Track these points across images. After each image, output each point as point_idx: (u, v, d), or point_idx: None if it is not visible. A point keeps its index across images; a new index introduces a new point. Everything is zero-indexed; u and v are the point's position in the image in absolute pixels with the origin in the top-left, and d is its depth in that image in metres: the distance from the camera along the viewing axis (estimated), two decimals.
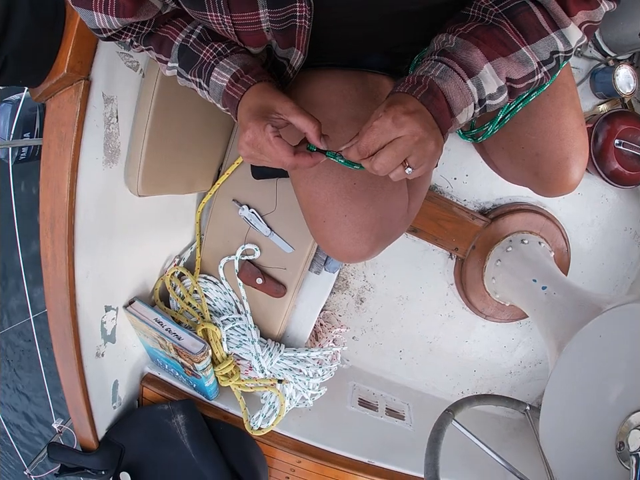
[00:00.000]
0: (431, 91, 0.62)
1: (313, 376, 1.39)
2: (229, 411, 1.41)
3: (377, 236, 0.84)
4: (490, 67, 0.64)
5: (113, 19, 0.64)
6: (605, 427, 0.94)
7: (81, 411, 1.19)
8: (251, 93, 0.67)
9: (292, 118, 0.63)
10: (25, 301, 1.85)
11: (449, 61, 0.64)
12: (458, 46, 0.65)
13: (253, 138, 0.62)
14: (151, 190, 1.09)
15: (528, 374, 1.86)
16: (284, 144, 0.62)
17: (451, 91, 0.63)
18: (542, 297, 1.24)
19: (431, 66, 0.65)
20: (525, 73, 0.66)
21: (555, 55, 0.66)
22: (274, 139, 0.62)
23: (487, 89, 0.65)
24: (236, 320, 1.37)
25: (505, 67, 0.65)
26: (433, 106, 0.61)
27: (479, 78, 0.64)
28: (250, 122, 0.62)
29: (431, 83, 0.63)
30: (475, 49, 0.64)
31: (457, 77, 0.64)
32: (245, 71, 0.69)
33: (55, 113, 0.88)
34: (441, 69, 0.64)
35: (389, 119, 0.57)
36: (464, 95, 0.64)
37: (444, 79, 0.63)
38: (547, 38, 0.64)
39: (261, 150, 0.63)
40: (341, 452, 1.42)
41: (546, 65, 0.67)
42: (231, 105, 0.70)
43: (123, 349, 1.30)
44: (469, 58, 0.64)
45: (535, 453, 1.12)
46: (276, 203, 1.27)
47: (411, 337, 1.76)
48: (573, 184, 0.91)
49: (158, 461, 1.35)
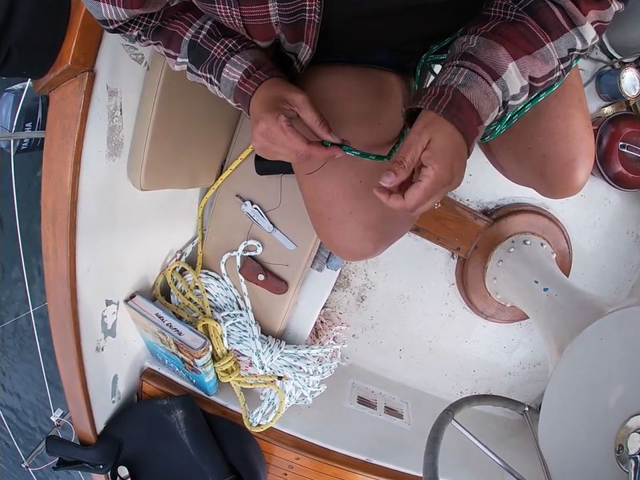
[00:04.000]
0: (454, 103, 0.59)
1: (313, 373, 1.39)
2: (228, 407, 1.40)
3: (381, 234, 0.84)
4: (515, 66, 0.62)
5: (120, 10, 0.63)
6: (604, 429, 0.94)
7: (79, 404, 1.19)
8: (262, 88, 0.67)
9: (301, 112, 0.64)
10: (25, 293, 1.84)
11: (472, 65, 0.62)
12: (480, 45, 0.63)
13: (266, 128, 0.63)
14: (153, 184, 1.08)
15: (527, 375, 1.86)
16: (297, 132, 0.62)
17: (477, 98, 0.61)
18: (543, 299, 1.24)
19: (454, 72, 0.62)
20: (547, 71, 0.65)
21: (571, 53, 0.66)
22: (287, 128, 0.62)
23: (512, 90, 0.64)
24: (237, 316, 1.37)
25: (529, 66, 0.63)
26: (457, 119, 0.59)
27: (504, 80, 0.62)
28: (262, 113, 0.63)
29: (455, 93, 0.60)
30: (499, 47, 0.61)
31: (482, 82, 0.61)
32: (256, 67, 0.69)
33: (58, 105, 0.87)
34: (464, 75, 0.61)
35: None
36: (490, 99, 0.62)
37: (469, 86, 0.61)
38: (567, 34, 0.63)
39: (274, 140, 0.63)
40: (339, 449, 1.42)
41: (564, 63, 0.66)
42: (243, 100, 0.70)
43: (123, 343, 1.30)
44: (493, 57, 0.61)
45: (532, 454, 1.12)
46: (280, 199, 1.27)
47: (411, 336, 1.76)
48: (578, 186, 0.90)
49: (156, 455, 1.35)
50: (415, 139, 0.59)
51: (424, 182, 0.57)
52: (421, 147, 0.58)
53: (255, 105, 0.67)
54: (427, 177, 0.57)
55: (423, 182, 0.58)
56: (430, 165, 0.57)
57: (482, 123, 0.63)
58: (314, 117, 0.63)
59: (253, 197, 1.30)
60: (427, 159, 0.58)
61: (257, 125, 0.63)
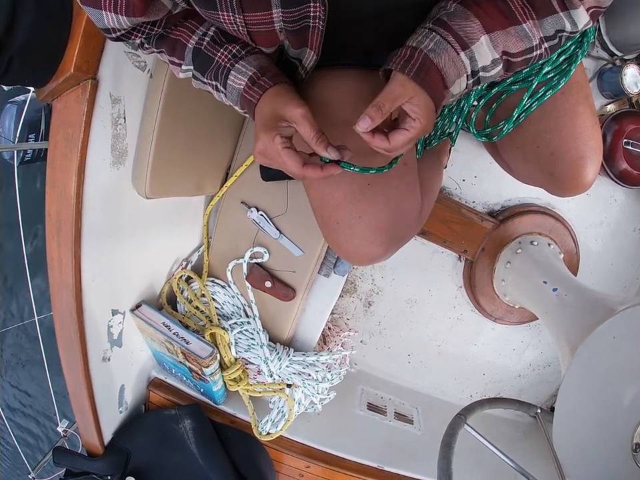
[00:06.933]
0: (424, 67, 0.62)
1: (322, 380, 1.37)
2: (237, 416, 1.39)
3: (390, 238, 0.83)
4: (487, 39, 0.64)
5: (122, 19, 0.63)
6: (620, 429, 0.93)
7: (86, 415, 1.18)
8: (266, 98, 0.67)
9: (298, 127, 0.64)
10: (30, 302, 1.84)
11: (444, 32, 0.64)
12: (456, 14, 0.64)
13: (263, 148, 0.65)
14: (158, 192, 1.08)
15: (537, 377, 1.84)
16: (292, 155, 0.63)
17: (444, 64, 0.64)
18: (553, 299, 1.23)
19: (425, 35, 0.65)
20: (522, 47, 0.65)
21: (560, 34, 0.66)
22: (282, 151, 0.63)
23: (480, 61, 0.65)
24: (244, 324, 1.36)
25: (502, 41, 0.64)
26: (425, 83, 0.62)
27: (472, 50, 0.64)
28: (260, 132, 0.64)
29: (424, 57, 0.63)
30: (474, 19, 0.63)
31: (450, 50, 0.63)
32: (261, 73, 0.69)
33: (61, 114, 0.87)
34: (435, 41, 0.64)
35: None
36: (457, 67, 0.65)
37: (437, 52, 0.63)
38: (556, 16, 0.63)
39: (272, 159, 0.65)
40: (350, 457, 1.40)
41: (548, 41, 0.66)
42: (248, 107, 0.70)
43: (130, 353, 1.29)
44: (466, 28, 0.63)
45: (545, 456, 1.11)
46: (287, 205, 1.26)
47: (419, 341, 1.75)
48: (587, 183, 0.90)
49: (164, 466, 1.33)
50: (400, 92, 0.62)
51: (411, 132, 0.63)
52: (402, 100, 0.62)
53: (257, 119, 0.68)
54: (414, 129, 0.63)
55: (410, 132, 0.63)
56: (417, 119, 0.63)
57: (447, 87, 0.66)
58: (311, 133, 0.63)
59: (258, 204, 1.29)
60: (413, 112, 0.63)
61: (256, 143, 0.65)
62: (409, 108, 0.63)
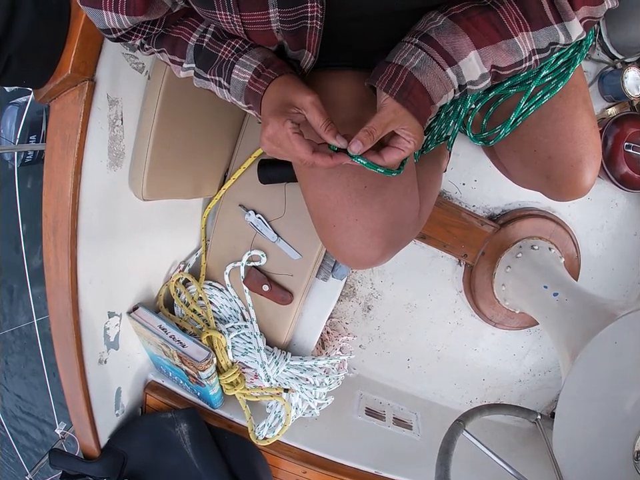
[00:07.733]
0: (407, 87, 0.62)
1: (320, 385, 1.36)
2: (234, 420, 1.38)
3: (388, 241, 0.82)
4: (476, 55, 0.63)
5: (123, 18, 0.63)
6: (621, 436, 0.92)
7: (83, 418, 1.18)
8: (273, 88, 0.66)
9: (308, 114, 0.63)
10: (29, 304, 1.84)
11: (429, 49, 0.63)
12: (445, 28, 0.63)
13: (273, 133, 0.63)
14: (155, 194, 1.08)
15: (537, 382, 1.83)
16: (302, 141, 0.62)
17: (429, 82, 0.64)
18: (554, 304, 1.22)
19: (411, 52, 0.64)
20: (512, 61, 0.65)
21: (553, 46, 0.65)
22: (292, 136, 0.62)
23: (468, 76, 0.65)
24: (241, 327, 1.35)
25: (492, 56, 0.64)
26: (408, 103, 0.62)
27: (459, 66, 0.64)
28: (270, 117, 0.63)
29: (409, 76, 0.63)
30: (464, 34, 0.62)
31: (435, 66, 0.63)
32: (266, 65, 0.68)
33: (58, 115, 0.87)
34: (420, 58, 0.63)
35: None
36: (443, 83, 0.65)
37: (422, 70, 0.63)
38: (550, 28, 0.63)
39: (281, 145, 0.64)
40: (348, 462, 1.39)
41: (539, 54, 0.66)
42: (254, 100, 0.69)
43: (126, 355, 1.28)
44: (455, 43, 0.62)
45: (545, 463, 1.10)
46: (285, 208, 1.25)
47: (418, 345, 1.74)
48: (586, 187, 0.89)
49: (161, 469, 1.33)
50: (392, 119, 0.63)
51: (405, 152, 0.65)
52: (394, 127, 0.64)
53: (264, 106, 0.66)
54: (408, 149, 0.65)
55: (405, 152, 0.65)
56: (411, 140, 0.64)
57: (434, 103, 0.67)
58: (320, 120, 0.62)
59: (256, 207, 1.29)
60: (407, 136, 0.64)
61: (264, 129, 0.63)
62: (402, 132, 0.64)
